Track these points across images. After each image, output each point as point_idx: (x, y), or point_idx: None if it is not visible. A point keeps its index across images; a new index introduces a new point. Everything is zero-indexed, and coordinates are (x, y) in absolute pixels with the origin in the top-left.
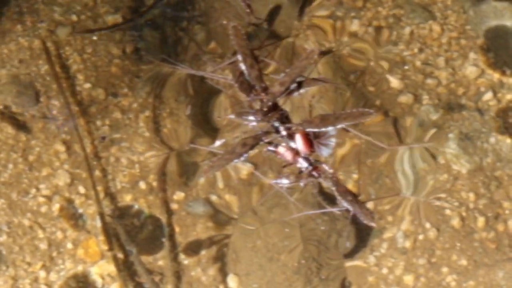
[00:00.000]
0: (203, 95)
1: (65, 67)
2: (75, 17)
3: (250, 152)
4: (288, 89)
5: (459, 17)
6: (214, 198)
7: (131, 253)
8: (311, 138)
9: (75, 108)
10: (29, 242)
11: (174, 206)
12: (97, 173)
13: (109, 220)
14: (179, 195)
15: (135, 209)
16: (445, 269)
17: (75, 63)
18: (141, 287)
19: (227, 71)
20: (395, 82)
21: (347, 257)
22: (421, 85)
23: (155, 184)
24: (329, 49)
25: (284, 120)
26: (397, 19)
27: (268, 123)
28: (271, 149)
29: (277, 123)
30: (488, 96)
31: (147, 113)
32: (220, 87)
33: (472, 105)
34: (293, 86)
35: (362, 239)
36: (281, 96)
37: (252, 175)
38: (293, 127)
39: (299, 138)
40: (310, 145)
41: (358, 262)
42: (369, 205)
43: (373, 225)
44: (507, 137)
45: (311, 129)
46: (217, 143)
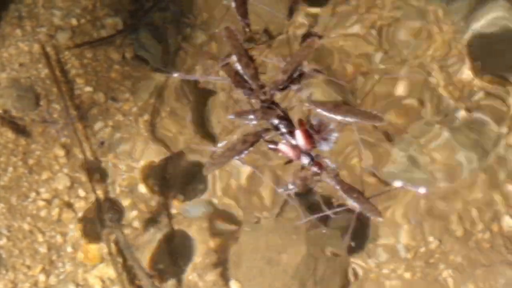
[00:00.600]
0: (200, 99)
1: (64, 72)
2: (74, 21)
3: (250, 149)
4: (291, 77)
5: (453, 23)
6: (214, 201)
7: (131, 257)
8: (312, 133)
9: (74, 112)
10: (29, 245)
11: (173, 210)
12: (97, 177)
13: (109, 223)
14: (179, 199)
15: (135, 212)
16: (442, 265)
17: (74, 67)
18: None
19: (222, 73)
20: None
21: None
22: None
23: (154, 188)
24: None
25: (283, 117)
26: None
27: (267, 121)
28: (271, 146)
29: (276, 120)
30: (478, 96)
31: (146, 117)
32: (216, 89)
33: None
34: (295, 74)
35: (361, 241)
36: (284, 85)
37: (252, 179)
38: (309, 105)
39: (299, 134)
40: (311, 140)
41: (358, 261)
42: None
43: (380, 219)
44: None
45: (323, 111)
46: (219, 145)
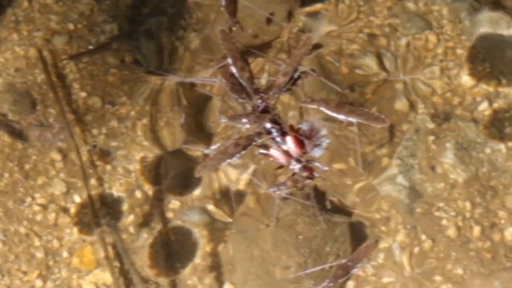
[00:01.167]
0: (195, 103)
1: (61, 76)
2: (71, 26)
3: (242, 152)
4: (292, 78)
5: (455, 27)
6: (210, 207)
7: (127, 262)
8: (303, 139)
9: (71, 116)
10: (25, 250)
11: (169, 214)
12: (93, 181)
13: (105, 228)
14: (175, 204)
15: (132, 217)
16: (438, 278)
17: (71, 72)
18: None
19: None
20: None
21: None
22: (417, 94)
23: (151, 193)
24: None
25: (275, 121)
26: (393, 29)
27: (260, 125)
28: (263, 151)
29: (268, 125)
30: (483, 106)
31: (144, 121)
32: (211, 93)
33: (467, 115)
34: (296, 75)
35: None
36: (286, 87)
37: (248, 185)
38: (311, 100)
39: (290, 139)
40: (301, 146)
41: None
42: (365, 213)
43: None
44: (502, 147)
45: (325, 110)
46: (212, 147)
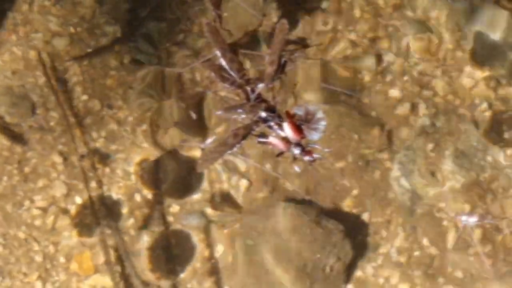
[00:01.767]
0: (189, 98)
1: (61, 79)
2: (72, 29)
3: (242, 142)
4: (279, 66)
5: (454, 29)
6: (209, 211)
7: (128, 265)
8: (300, 124)
9: (72, 119)
10: (25, 253)
11: (170, 218)
12: (93, 184)
13: (105, 230)
14: (175, 208)
15: (132, 220)
16: (441, 279)
17: (72, 74)
18: None
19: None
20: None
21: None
22: (418, 96)
23: (150, 196)
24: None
25: (271, 109)
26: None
27: (255, 114)
28: (262, 140)
29: (264, 114)
30: (483, 108)
31: (141, 124)
32: (203, 89)
33: (468, 117)
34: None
35: (358, 251)
36: (276, 75)
37: (248, 190)
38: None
39: (287, 125)
40: (300, 131)
41: (356, 272)
42: (364, 216)
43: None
44: (501, 150)
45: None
46: (208, 140)
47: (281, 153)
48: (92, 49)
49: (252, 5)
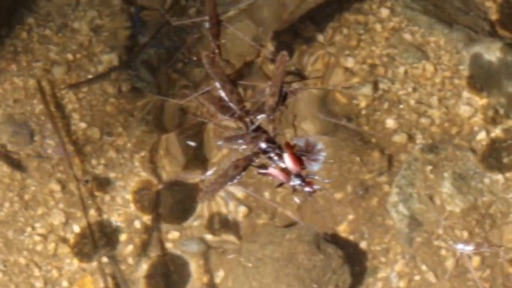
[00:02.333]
0: (189, 128)
1: (60, 106)
2: (70, 56)
3: (242, 174)
4: (281, 97)
5: (452, 57)
6: (208, 237)
7: None
8: (300, 155)
9: (70, 147)
10: (25, 279)
11: (169, 244)
12: (92, 212)
13: (104, 259)
14: (174, 234)
15: (131, 247)
16: None
17: (70, 102)
18: None
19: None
20: (391, 122)
21: None
22: (415, 125)
23: (149, 223)
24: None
25: (271, 140)
26: (391, 59)
27: (256, 145)
28: (262, 171)
29: (264, 145)
30: (481, 135)
31: (141, 152)
32: (204, 119)
33: (465, 144)
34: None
35: (356, 277)
36: (278, 107)
37: (247, 217)
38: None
39: (287, 157)
40: (300, 162)
41: None
42: (363, 244)
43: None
44: (500, 177)
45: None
46: (208, 172)
47: (281, 184)
48: (92, 76)
49: (250, 35)
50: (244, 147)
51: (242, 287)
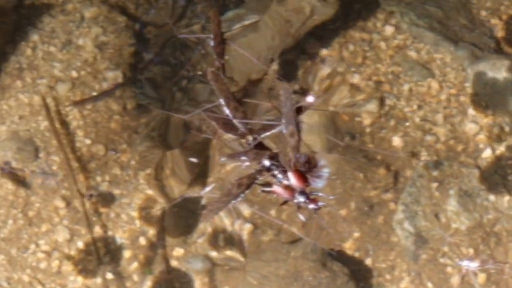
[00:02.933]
0: (193, 144)
1: (64, 123)
2: (75, 73)
3: (246, 192)
4: (300, 134)
5: (458, 74)
6: (213, 254)
7: None
8: (304, 172)
9: (74, 164)
10: None
11: (173, 262)
12: (97, 229)
13: (109, 276)
14: (179, 252)
15: (135, 264)
16: None
17: (74, 119)
18: None
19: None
20: (397, 140)
21: None
22: (420, 142)
23: (154, 240)
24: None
25: (274, 158)
26: (395, 76)
27: (259, 163)
28: (266, 189)
29: (268, 162)
30: (487, 153)
31: (145, 169)
32: (208, 135)
33: (471, 162)
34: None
35: None
36: (300, 144)
37: (252, 234)
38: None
39: (291, 174)
40: (304, 179)
41: None
42: (368, 261)
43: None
44: (505, 193)
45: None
46: (207, 189)
47: (285, 202)
48: (96, 93)
49: (255, 53)
50: (247, 164)
51: None
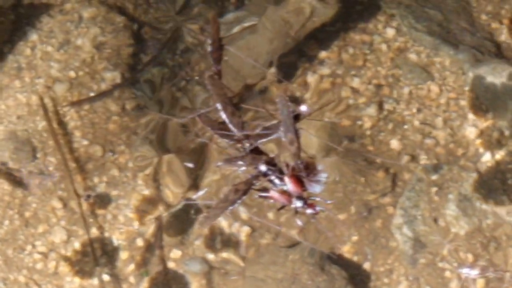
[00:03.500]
0: (190, 148)
1: (62, 124)
2: (73, 73)
3: (243, 197)
4: (299, 141)
5: (457, 78)
6: (211, 256)
7: None
8: (301, 177)
9: (72, 164)
10: None
11: (171, 264)
12: (94, 230)
13: (106, 277)
14: (176, 253)
15: (132, 266)
16: None
17: (72, 119)
18: None
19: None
20: (395, 143)
21: None
22: (420, 145)
23: (152, 241)
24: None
25: (271, 163)
26: (395, 79)
27: (256, 168)
28: (263, 194)
29: (264, 167)
30: (486, 157)
31: (143, 170)
32: (204, 139)
33: (471, 166)
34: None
35: None
36: (301, 151)
37: (250, 236)
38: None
39: (288, 179)
40: (301, 185)
41: None
42: (366, 265)
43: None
44: (505, 199)
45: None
46: (199, 193)
47: (283, 207)
48: (94, 94)
49: (254, 56)
50: (243, 168)
51: None
